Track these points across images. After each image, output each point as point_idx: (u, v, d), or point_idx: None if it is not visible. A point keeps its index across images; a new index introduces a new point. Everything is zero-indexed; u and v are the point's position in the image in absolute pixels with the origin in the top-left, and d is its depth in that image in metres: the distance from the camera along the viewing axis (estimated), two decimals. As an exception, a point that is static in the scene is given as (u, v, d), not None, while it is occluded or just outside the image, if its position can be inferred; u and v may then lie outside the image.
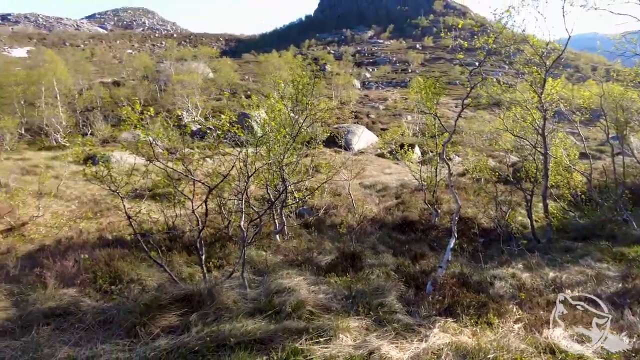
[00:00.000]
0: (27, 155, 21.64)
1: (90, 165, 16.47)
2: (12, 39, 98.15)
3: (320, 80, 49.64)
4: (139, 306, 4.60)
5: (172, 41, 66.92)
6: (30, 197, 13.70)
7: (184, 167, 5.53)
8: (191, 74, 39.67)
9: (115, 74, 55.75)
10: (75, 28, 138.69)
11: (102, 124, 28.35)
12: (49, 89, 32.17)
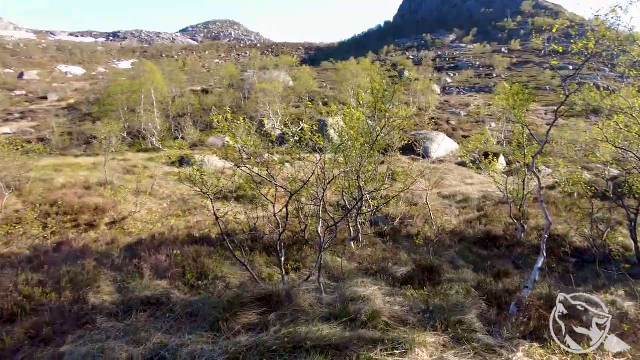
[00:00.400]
0: (128, 156, 24.06)
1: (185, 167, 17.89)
2: (120, 53, 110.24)
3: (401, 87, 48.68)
4: (222, 302, 4.89)
5: (255, 51, 70.41)
6: (130, 195, 15.21)
7: (268, 172, 5.78)
8: (273, 83, 41.37)
9: (204, 82, 60.02)
10: (171, 41, 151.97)
11: (192, 129, 30.65)
12: (147, 96, 35.61)
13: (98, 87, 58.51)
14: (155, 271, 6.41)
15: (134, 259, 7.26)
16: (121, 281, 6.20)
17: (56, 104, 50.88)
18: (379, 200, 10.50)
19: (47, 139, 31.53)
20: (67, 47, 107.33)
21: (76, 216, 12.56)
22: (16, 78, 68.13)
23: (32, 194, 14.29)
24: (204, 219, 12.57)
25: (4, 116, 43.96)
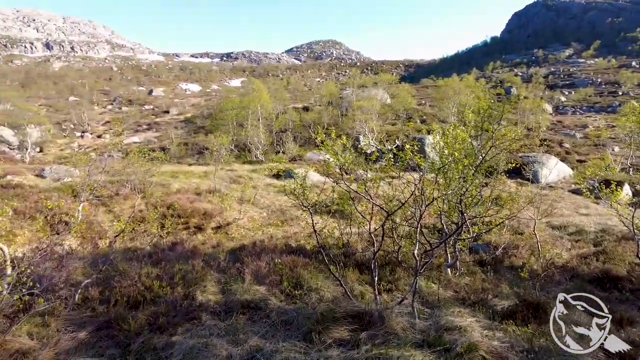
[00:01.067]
0: (234, 167, 26.05)
1: (285, 180, 18.74)
2: (232, 72, 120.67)
3: (510, 105, 45.54)
4: (316, 314, 5.00)
5: (355, 69, 71.85)
6: (235, 203, 16.40)
7: (366, 190, 5.83)
8: (370, 100, 41.72)
9: (305, 100, 62.76)
10: (277, 61, 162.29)
11: (292, 143, 32.17)
12: (254, 112, 38.31)
13: (211, 102, 64.56)
14: (255, 277, 6.81)
15: (236, 263, 7.80)
16: (224, 283, 6.69)
17: (176, 117, 57.24)
18: (480, 226, 9.90)
19: (167, 148, 35.53)
20: (188, 67, 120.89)
21: (187, 219, 13.90)
22: (146, 94, 78.33)
23: (153, 197, 16.16)
24: (299, 230, 13.03)
25: (134, 127, 50.69)
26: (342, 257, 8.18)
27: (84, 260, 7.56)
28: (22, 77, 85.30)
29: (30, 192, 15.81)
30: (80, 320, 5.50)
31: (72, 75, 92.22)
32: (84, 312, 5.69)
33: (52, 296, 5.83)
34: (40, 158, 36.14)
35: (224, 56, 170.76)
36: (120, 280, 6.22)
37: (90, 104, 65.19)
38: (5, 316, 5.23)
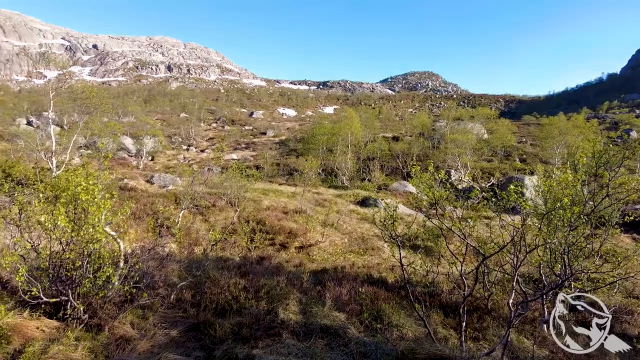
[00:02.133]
0: (320, 190, 26.62)
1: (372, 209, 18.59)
2: (326, 99, 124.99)
3: (633, 148, 40.46)
4: (396, 352, 4.81)
5: (452, 102, 69.96)
6: (318, 225, 16.67)
7: (460, 228, 5.54)
8: (466, 134, 40.15)
9: (395, 129, 62.51)
10: (370, 90, 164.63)
11: (379, 172, 32.04)
12: (344, 139, 39.06)
13: (305, 127, 67.32)
14: (336, 302, 6.78)
15: (318, 286, 7.85)
16: (305, 304, 6.76)
17: (272, 138, 60.57)
18: (585, 282, 8.81)
19: (261, 167, 37.56)
20: (286, 93, 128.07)
21: (274, 236, 14.43)
22: (247, 116, 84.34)
23: (245, 211, 17.08)
24: (380, 261, 12.78)
25: (234, 145, 54.59)
26: (427, 296, 7.82)
27: (180, 263, 8.19)
28: (146, 94, 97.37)
29: (141, 195, 17.70)
30: (173, 319, 5.92)
31: (185, 94, 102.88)
32: (177, 312, 6.12)
33: (152, 292, 6.39)
34: (151, 166, 40.47)
35: (320, 84, 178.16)
36: (211, 287, 6.61)
37: (197, 121, 71.87)
38: (114, 304, 5.84)
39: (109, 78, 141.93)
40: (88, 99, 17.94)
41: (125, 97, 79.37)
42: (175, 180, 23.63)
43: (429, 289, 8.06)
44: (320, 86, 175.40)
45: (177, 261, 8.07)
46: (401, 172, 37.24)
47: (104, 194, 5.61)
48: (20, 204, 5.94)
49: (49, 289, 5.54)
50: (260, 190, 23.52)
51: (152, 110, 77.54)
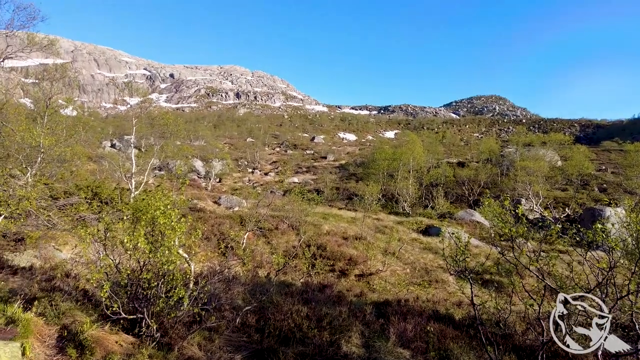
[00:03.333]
0: (380, 216, 26.22)
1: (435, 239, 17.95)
2: (387, 124, 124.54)
3: None
4: (468, 398, 4.48)
5: (521, 127, 66.56)
6: (379, 253, 16.35)
7: (537, 265, 5.14)
8: (537, 161, 37.87)
9: (460, 155, 60.48)
10: (433, 114, 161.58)
11: (443, 199, 30.98)
12: (405, 164, 38.44)
13: (365, 152, 67.32)
14: (400, 338, 6.53)
15: (380, 319, 7.62)
16: (368, 337, 6.57)
17: (332, 162, 61.21)
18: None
19: (321, 191, 37.92)
20: (347, 118, 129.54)
21: (334, 262, 14.35)
22: (309, 140, 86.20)
23: (305, 235, 17.23)
24: (445, 295, 12.17)
25: (296, 169, 55.84)
26: (499, 337, 7.27)
27: (245, 286, 8.38)
28: (215, 120, 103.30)
29: (209, 216, 18.53)
30: (238, 343, 6.02)
31: (252, 120, 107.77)
32: (242, 336, 6.22)
33: (219, 315, 6.56)
34: (219, 187, 42.44)
35: (381, 109, 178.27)
36: (275, 313, 6.67)
37: (262, 145, 74.71)
38: (183, 324, 6.07)
39: (182, 104, 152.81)
40: (165, 126, 19.37)
41: (197, 122, 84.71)
42: (241, 202, 24.53)
43: (501, 329, 7.48)
44: (381, 111, 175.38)
45: (242, 284, 8.26)
46: (467, 199, 35.72)
47: (180, 217, 5.93)
48: (106, 223, 6.45)
49: (126, 306, 5.90)
50: (320, 214, 23.67)
51: (221, 134, 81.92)
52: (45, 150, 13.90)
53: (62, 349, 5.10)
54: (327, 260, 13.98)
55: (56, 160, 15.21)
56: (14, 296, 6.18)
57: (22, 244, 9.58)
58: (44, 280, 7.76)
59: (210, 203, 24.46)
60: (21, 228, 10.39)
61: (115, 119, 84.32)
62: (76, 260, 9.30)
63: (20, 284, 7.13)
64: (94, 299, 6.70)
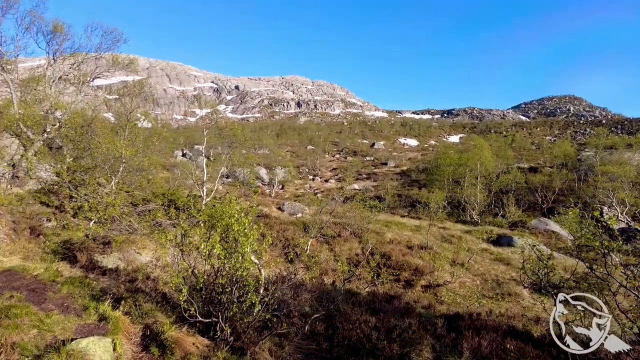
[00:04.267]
0: (446, 225, 25.27)
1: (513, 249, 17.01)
2: (451, 128, 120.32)
3: None
4: None
5: (601, 128, 61.04)
6: (446, 263, 15.74)
7: (636, 284, 4.62)
8: (622, 165, 34.52)
9: (532, 160, 56.84)
10: (501, 117, 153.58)
11: (514, 207, 29.22)
12: (472, 170, 36.80)
13: (427, 157, 65.49)
14: (474, 354, 6.18)
15: (451, 332, 7.29)
16: (440, 351, 6.30)
17: (393, 169, 60.29)
18: None
19: (382, 198, 37.43)
20: (408, 123, 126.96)
21: (399, 272, 14.02)
22: (369, 147, 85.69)
23: (368, 243, 17.04)
24: (519, 310, 11.39)
25: (356, 175, 55.68)
26: None
27: (311, 293, 8.42)
28: (278, 129, 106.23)
29: (274, 222, 18.99)
30: (307, 350, 6.04)
31: (312, 128, 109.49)
32: (311, 344, 6.24)
33: (288, 321, 6.63)
34: (281, 194, 43.45)
35: (444, 113, 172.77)
36: (343, 322, 6.62)
37: (322, 152, 75.55)
38: (254, 329, 6.22)
39: (247, 115, 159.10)
40: (234, 136, 20.24)
41: (260, 131, 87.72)
42: (304, 208, 24.89)
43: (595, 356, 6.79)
44: (445, 115, 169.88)
45: (308, 291, 8.32)
46: (540, 207, 33.39)
47: (252, 224, 6.10)
48: (183, 229, 6.81)
49: (201, 309, 6.16)
50: (382, 221, 23.31)
51: (283, 143, 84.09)
52: (126, 160, 15.06)
53: (146, 347, 5.43)
54: (392, 270, 13.69)
55: (135, 169, 16.42)
56: (104, 295, 6.70)
57: (108, 246, 10.41)
58: (128, 281, 8.36)
59: (274, 209, 25.09)
60: (108, 232, 11.33)
61: (185, 130, 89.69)
62: (155, 263, 9.92)
63: (108, 284, 7.74)
64: (171, 301, 7.08)
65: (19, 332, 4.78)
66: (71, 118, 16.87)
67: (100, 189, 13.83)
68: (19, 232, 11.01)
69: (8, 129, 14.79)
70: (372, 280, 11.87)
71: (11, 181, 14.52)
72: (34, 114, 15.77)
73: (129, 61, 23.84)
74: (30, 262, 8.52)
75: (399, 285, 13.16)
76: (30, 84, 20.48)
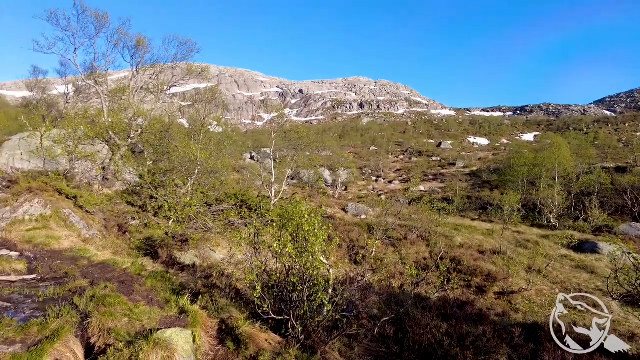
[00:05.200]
0: (521, 228, 23.76)
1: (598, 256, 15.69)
2: (525, 126, 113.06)
3: None
4: None
5: None
6: (521, 270, 14.80)
7: None
8: None
9: (619, 159, 51.71)
10: (581, 113, 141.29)
11: (597, 211, 26.73)
12: (549, 170, 34.28)
13: (499, 157, 62.05)
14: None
15: (529, 343, 6.83)
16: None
17: (461, 169, 57.87)
18: None
19: (450, 200, 36.06)
20: (477, 121, 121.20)
21: (470, 277, 13.43)
22: (435, 147, 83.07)
23: (436, 247, 16.51)
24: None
25: (421, 176, 54.24)
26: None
27: (379, 296, 8.33)
28: (340, 130, 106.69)
29: (339, 223, 19.08)
30: (377, 353, 5.98)
31: (375, 128, 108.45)
32: (380, 346, 6.17)
33: (357, 323, 6.62)
34: (345, 195, 43.51)
35: (517, 110, 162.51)
36: (413, 327, 6.47)
37: (386, 153, 74.54)
38: (324, 329, 6.28)
39: (310, 118, 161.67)
40: (300, 139, 20.68)
41: (324, 133, 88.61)
42: (367, 210, 24.75)
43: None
44: (517, 112, 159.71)
45: (376, 293, 8.24)
46: (630, 211, 30.18)
47: (321, 225, 6.18)
48: (256, 228, 7.07)
49: (273, 306, 6.34)
50: (451, 225, 22.48)
51: (346, 144, 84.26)
52: (201, 162, 15.97)
53: (222, 341, 5.71)
54: (463, 275, 13.14)
55: (209, 172, 17.36)
56: (183, 289, 7.15)
57: (186, 244, 11.10)
58: (204, 277, 8.85)
59: (339, 210, 25.20)
60: (185, 230, 12.09)
61: (253, 134, 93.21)
62: (228, 260, 10.40)
63: (186, 279, 8.25)
64: (245, 298, 7.37)
65: (113, 319, 5.25)
66: (151, 124, 18.23)
67: (178, 190, 14.80)
68: (109, 229, 12.12)
69: (99, 135, 16.33)
70: (442, 285, 11.47)
71: (102, 183, 16.02)
72: (121, 121, 17.27)
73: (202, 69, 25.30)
74: (119, 257, 9.34)
75: (470, 292, 12.61)
76: (117, 94, 22.51)
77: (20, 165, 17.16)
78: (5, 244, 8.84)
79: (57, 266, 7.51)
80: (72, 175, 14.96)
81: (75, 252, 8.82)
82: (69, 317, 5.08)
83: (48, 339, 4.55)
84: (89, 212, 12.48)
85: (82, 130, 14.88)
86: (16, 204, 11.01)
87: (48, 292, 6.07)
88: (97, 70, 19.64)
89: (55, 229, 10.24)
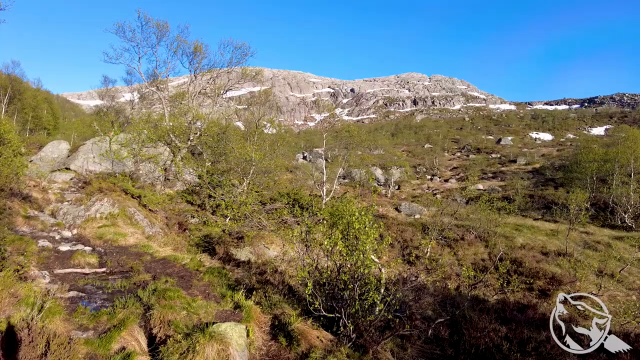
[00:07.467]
0: (590, 229, 22.07)
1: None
2: (593, 119, 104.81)
3: None
4: None
5: None
6: (591, 274, 13.75)
7: None
8: None
9: None
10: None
11: (683, 210, 24.18)
12: (623, 166, 31.58)
13: (565, 153, 58.04)
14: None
15: (601, 353, 6.32)
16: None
17: (523, 167, 54.79)
18: None
19: (511, 199, 34.27)
20: (540, 115, 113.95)
21: (532, 280, 12.68)
22: (494, 143, 79.34)
23: (496, 248, 15.77)
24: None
25: (480, 174, 52.02)
26: None
27: (434, 297, 8.10)
28: (393, 128, 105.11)
29: (391, 222, 18.80)
30: (431, 355, 5.82)
31: (429, 125, 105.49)
32: (434, 348, 6.00)
33: (410, 324, 6.48)
34: (398, 194, 42.77)
35: (585, 102, 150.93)
36: (469, 329, 6.21)
37: (441, 150, 72.29)
38: (375, 328, 6.21)
39: (362, 116, 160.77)
40: (351, 137, 20.64)
41: (375, 132, 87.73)
42: (421, 210, 24.16)
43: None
44: (585, 104, 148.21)
45: (430, 294, 8.02)
46: None
47: (372, 223, 6.12)
48: (307, 226, 7.14)
49: (324, 304, 6.37)
50: (511, 225, 21.36)
51: (399, 142, 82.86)
52: (255, 163, 16.42)
53: (275, 336, 5.83)
54: (524, 278, 12.44)
55: (263, 172, 17.82)
56: (238, 285, 7.38)
57: (241, 241, 11.47)
58: (258, 273, 9.09)
59: (391, 210, 24.81)
60: (241, 228, 12.49)
61: (305, 134, 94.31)
62: (281, 258, 10.61)
63: (241, 275, 8.52)
64: (297, 294, 7.48)
65: (172, 312, 5.54)
66: (209, 127, 19.02)
67: (234, 189, 15.34)
68: (170, 226, 12.82)
69: (161, 138, 17.32)
70: (501, 288, 10.92)
71: (164, 183, 16.97)
72: (181, 124, 18.20)
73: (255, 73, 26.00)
74: (179, 253, 9.84)
75: (532, 295, 11.92)
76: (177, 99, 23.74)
77: (93, 167, 18.65)
78: (81, 240, 9.65)
79: (123, 261, 8.07)
80: (137, 176, 16.00)
81: (139, 248, 9.42)
82: (134, 308, 5.44)
83: (116, 327, 4.90)
84: (152, 210, 13.28)
85: (145, 134, 15.86)
86: (89, 203, 11.98)
87: (116, 284, 6.55)
88: (158, 77, 20.88)
89: (122, 226, 11.00)
